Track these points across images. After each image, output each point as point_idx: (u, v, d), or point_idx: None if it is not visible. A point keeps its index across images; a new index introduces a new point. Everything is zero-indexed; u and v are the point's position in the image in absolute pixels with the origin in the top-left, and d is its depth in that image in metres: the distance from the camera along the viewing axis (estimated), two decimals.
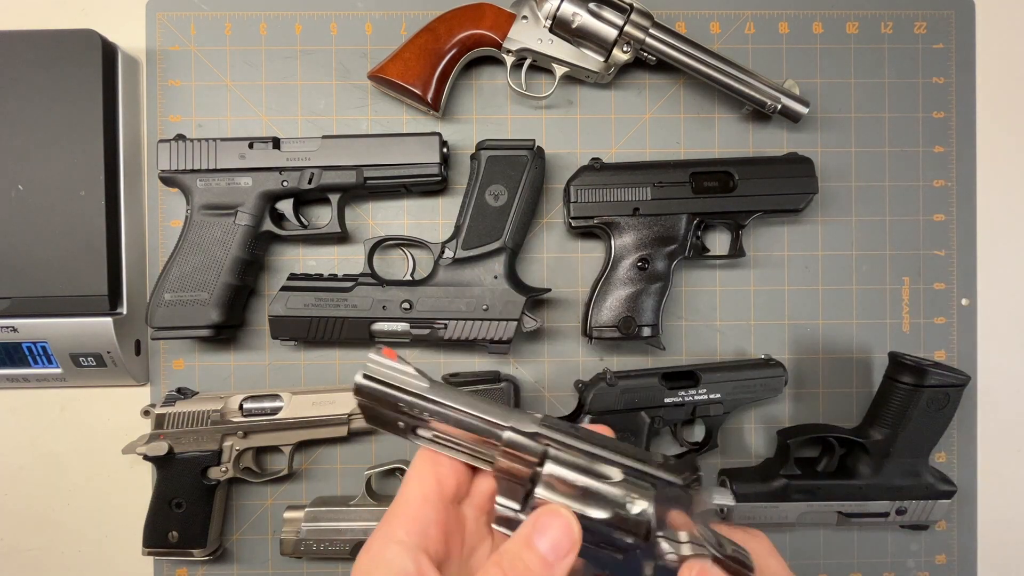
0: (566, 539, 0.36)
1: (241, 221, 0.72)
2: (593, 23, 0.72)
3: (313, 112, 0.79)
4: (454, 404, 0.39)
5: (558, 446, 0.38)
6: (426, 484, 0.39)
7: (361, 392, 0.40)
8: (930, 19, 0.81)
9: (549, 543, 0.36)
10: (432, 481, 0.39)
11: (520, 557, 0.36)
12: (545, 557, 0.36)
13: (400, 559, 0.36)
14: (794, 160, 0.76)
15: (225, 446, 0.73)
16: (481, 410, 0.39)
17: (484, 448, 0.39)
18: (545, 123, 0.80)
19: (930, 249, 0.81)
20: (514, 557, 0.36)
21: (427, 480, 0.39)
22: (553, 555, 0.36)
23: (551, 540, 0.36)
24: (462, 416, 0.39)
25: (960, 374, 0.71)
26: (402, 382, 0.40)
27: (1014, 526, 0.82)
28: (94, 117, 0.71)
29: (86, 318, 0.71)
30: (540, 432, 0.39)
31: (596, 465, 0.38)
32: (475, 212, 0.73)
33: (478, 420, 0.39)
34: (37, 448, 0.78)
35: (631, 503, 0.37)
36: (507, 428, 0.39)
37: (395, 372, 0.40)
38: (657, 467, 0.38)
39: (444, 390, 0.40)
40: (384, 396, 0.40)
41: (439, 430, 0.40)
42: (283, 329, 0.73)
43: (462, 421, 0.39)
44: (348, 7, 0.79)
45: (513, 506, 0.39)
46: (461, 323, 0.72)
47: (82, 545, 0.79)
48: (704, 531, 0.38)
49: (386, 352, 0.40)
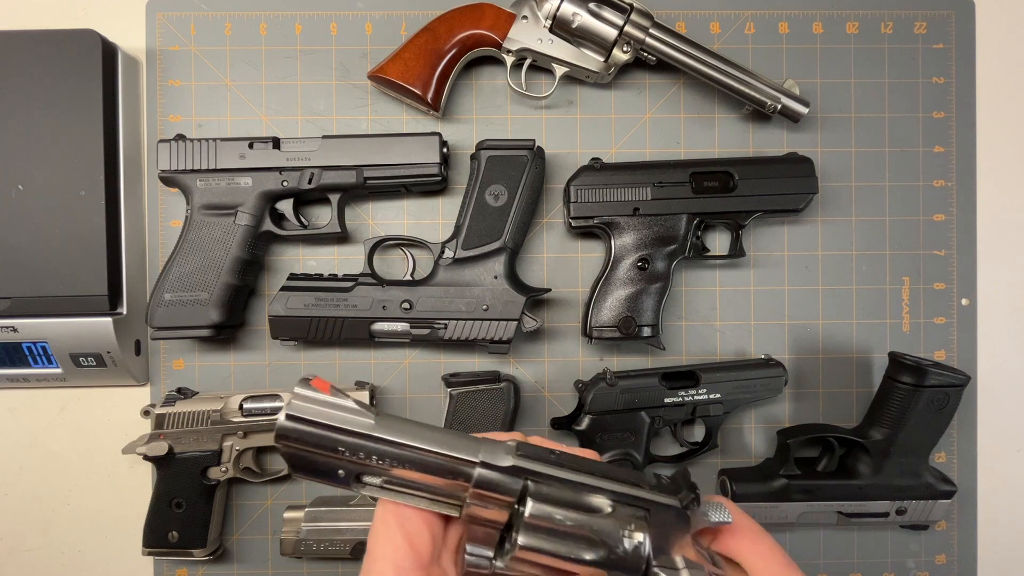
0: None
1: (241, 221, 0.72)
2: (593, 23, 0.72)
3: (313, 112, 0.79)
4: (410, 441, 0.32)
5: (539, 479, 0.33)
6: (398, 552, 0.33)
7: (286, 437, 0.32)
8: (930, 19, 0.81)
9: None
10: (403, 546, 0.33)
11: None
12: None
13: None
14: (794, 160, 0.76)
15: (225, 446, 0.73)
16: (444, 445, 0.32)
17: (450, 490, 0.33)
18: (545, 123, 0.80)
19: (930, 249, 0.81)
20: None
21: (397, 546, 0.33)
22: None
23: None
24: (421, 455, 0.32)
25: (960, 374, 0.71)
26: (341, 420, 0.32)
27: (1014, 526, 0.82)
28: (94, 117, 0.71)
29: (86, 318, 0.71)
30: (517, 465, 0.33)
31: (583, 496, 0.33)
32: (475, 212, 0.73)
33: (441, 458, 0.32)
34: (37, 448, 0.78)
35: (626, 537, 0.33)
36: (478, 464, 0.32)
37: (330, 409, 0.32)
38: (650, 490, 0.35)
39: (395, 424, 0.33)
40: (318, 440, 0.31)
41: (392, 475, 0.33)
42: (283, 329, 0.73)
43: (422, 461, 0.32)
44: (348, 7, 0.79)
45: (486, 554, 0.33)
46: (461, 323, 0.72)
47: (82, 545, 0.79)
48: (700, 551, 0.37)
49: (316, 383, 0.32)
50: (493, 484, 0.32)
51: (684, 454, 0.78)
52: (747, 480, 0.75)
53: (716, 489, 0.79)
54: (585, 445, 0.75)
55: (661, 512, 0.35)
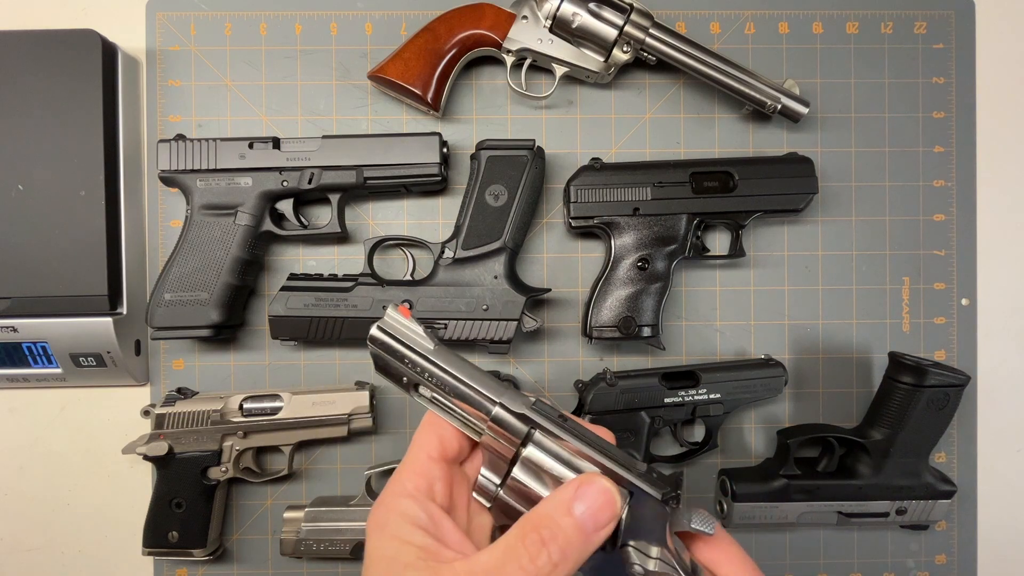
0: (606, 510, 0.36)
1: (241, 221, 0.72)
2: (593, 23, 0.72)
3: (313, 112, 0.79)
4: (453, 371, 0.40)
5: (543, 433, 0.39)
6: (430, 444, 0.41)
7: (374, 342, 0.41)
8: (930, 19, 0.81)
9: (589, 512, 0.36)
10: (435, 441, 0.41)
11: (557, 522, 0.36)
12: (583, 525, 0.35)
13: (412, 508, 0.37)
14: (794, 160, 0.76)
15: (225, 446, 0.73)
16: (477, 381, 0.40)
17: (474, 419, 0.40)
18: (545, 123, 0.80)
19: (930, 249, 0.81)
20: (551, 521, 0.36)
21: (431, 440, 0.41)
22: (592, 524, 0.36)
23: (590, 509, 0.36)
24: (457, 384, 0.40)
25: (960, 374, 0.71)
26: (410, 340, 0.41)
27: (1014, 526, 0.82)
28: (94, 117, 0.71)
29: (86, 318, 0.71)
30: (528, 415, 0.39)
31: (576, 460, 0.38)
32: (475, 212, 0.73)
33: (471, 391, 0.40)
34: (37, 448, 0.78)
35: None
36: (497, 404, 0.39)
37: (405, 329, 0.41)
38: (638, 476, 0.38)
39: (447, 355, 0.40)
40: (393, 351, 0.41)
41: (437, 393, 0.40)
42: (283, 329, 0.73)
43: (456, 388, 0.40)
44: (348, 7, 0.79)
45: (494, 479, 0.40)
46: (461, 323, 0.72)
47: (82, 545, 0.79)
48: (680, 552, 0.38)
49: (401, 309, 0.41)
50: (505, 423, 0.39)
51: (684, 454, 0.78)
52: (747, 480, 0.75)
53: (716, 489, 0.79)
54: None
55: (643, 499, 0.38)
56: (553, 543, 0.35)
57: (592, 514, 0.36)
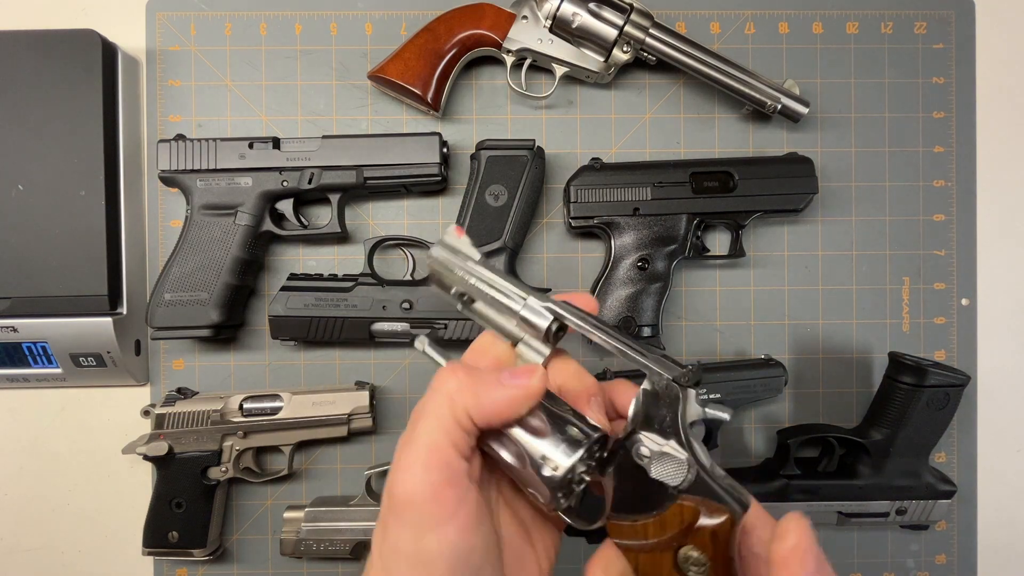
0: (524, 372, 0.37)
1: (241, 221, 0.72)
2: (593, 23, 0.72)
3: (313, 112, 0.79)
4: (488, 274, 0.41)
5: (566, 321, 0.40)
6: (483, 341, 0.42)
7: (432, 257, 0.43)
8: (930, 19, 0.81)
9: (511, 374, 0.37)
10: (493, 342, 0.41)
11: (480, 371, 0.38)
12: (500, 377, 0.37)
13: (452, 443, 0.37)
14: (794, 160, 0.76)
15: (225, 446, 0.73)
16: (506, 285, 0.41)
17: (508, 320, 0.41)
18: (545, 123, 0.80)
19: (930, 249, 0.81)
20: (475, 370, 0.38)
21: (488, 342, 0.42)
22: (506, 377, 0.37)
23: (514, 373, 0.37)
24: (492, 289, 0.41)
25: (960, 374, 0.71)
26: (460, 252, 0.42)
27: (1014, 526, 0.82)
28: (94, 117, 0.71)
29: (86, 318, 0.71)
30: (552, 308, 0.40)
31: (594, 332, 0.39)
32: (475, 212, 0.73)
33: (501, 293, 0.40)
34: (37, 448, 0.78)
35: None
36: (525, 301, 0.40)
37: (458, 244, 0.42)
38: (652, 359, 0.38)
39: (488, 266, 0.42)
40: (446, 264, 0.42)
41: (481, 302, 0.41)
42: (283, 329, 0.73)
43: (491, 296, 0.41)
44: (348, 7, 0.79)
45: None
46: (461, 323, 0.72)
47: (82, 545, 0.79)
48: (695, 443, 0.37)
49: (456, 230, 0.42)
50: (531, 322, 0.40)
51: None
52: (747, 480, 0.75)
53: None
54: None
55: (655, 381, 0.37)
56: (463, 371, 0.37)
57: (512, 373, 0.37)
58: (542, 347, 0.40)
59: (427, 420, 0.36)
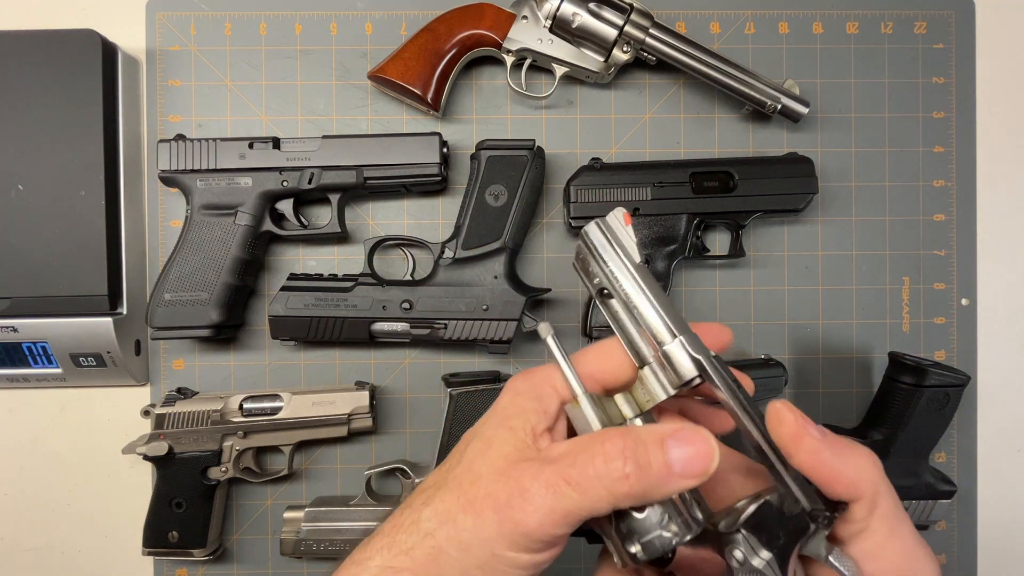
0: (700, 462, 0.34)
1: (241, 221, 0.72)
2: (593, 23, 0.72)
3: (313, 112, 0.79)
4: (647, 289, 0.37)
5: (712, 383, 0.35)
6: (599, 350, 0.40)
7: (586, 236, 0.40)
8: (930, 19, 0.81)
9: (681, 455, 0.34)
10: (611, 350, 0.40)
11: (647, 448, 0.34)
12: (671, 465, 0.33)
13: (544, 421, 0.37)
14: (794, 160, 0.76)
15: (225, 446, 0.73)
16: (666, 309, 0.37)
17: (646, 345, 0.37)
18: (545, 123, 0.80)
19: (930, 249, 0.81)
20: (640, 444, 0.34)
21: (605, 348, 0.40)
22: (679, 467, 0.33)
23: (685, 454, 0.34)
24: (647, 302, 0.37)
25: (960, 374, 0.71)
26: (620, 246, 0.38)
27: (1014, 526, 0.82)
28: (94, 117, 0.71)
29: (86, 318, 0.71)
30: (704, 362, 0.35)
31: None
32: (475, 212, 0.73)
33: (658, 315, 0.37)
34: (37, 448, 0.78)
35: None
36: (677, 338, 0.36)
37: (620, 235, 0.38)
38: (793, 476, 0.34)
39: (647, 275, 0.38)
40: (599, 250, 0.39)
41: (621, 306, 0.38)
42: (283, 329, 0.73)
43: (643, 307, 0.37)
44: (348, 7, 0.79)
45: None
46: (461, 323, 0.72)
47: (82, 545, 0.79)
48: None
49: (625, 216, 0.39)
50: (674, 361, 0.36)
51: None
52: None
53: None
54: None
55: (783, 501, 0.34)
56: (632, 460, 0.33)
57: (683, 459, 0.34)
58: (669, 386, 0.36)
59: (581, 495, 0.33)
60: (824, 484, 0.34)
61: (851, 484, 0.34)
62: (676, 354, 0.36)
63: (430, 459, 0.74)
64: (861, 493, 0.34)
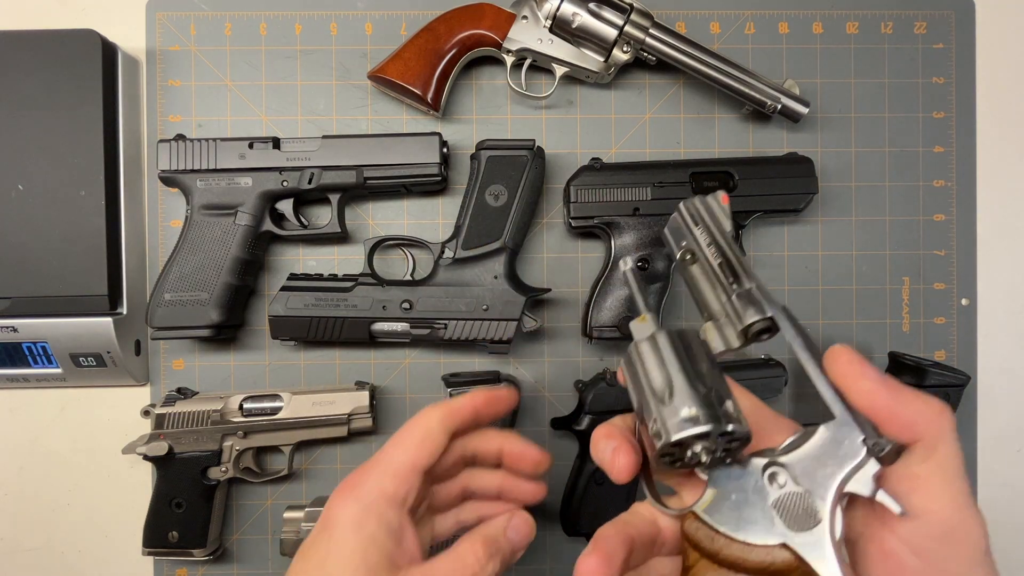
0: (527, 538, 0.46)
1: (241, 221, 0.72)
2: (593, 23, 0.72)
3: (313, 112, 0.79)
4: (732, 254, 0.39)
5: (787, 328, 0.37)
6: (421, 455, 0.43)
7: (688, 206, 0.41)
8: (930, 19, 0.81)
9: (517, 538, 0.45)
10: (427, 454, 0.43)
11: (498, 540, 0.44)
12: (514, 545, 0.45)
13: (389, 514, 0.41)
14: (794, 160, 0.76)
15: (225, 446, 0.73)
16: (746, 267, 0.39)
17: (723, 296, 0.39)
18: (545, 123, 0.80)
19: (930, 249, 0.81)
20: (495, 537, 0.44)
21: (423, 451, 0.43)
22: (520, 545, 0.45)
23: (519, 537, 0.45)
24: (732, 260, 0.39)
25: (960, 374, 0.71)
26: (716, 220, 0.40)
27: (1014, 527, 0.82)
28: (94, 117, 0.71)
29: (86, 318, 0.71)
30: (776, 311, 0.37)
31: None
32: (475, 212, 0.73)
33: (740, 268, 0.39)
34: (37, 448, 0.78)
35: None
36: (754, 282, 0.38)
37: (720, 213, 0.40)
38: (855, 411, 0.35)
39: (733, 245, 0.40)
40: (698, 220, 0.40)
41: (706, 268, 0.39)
42: (283, 329, 0.73)
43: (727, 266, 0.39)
44: (348, 7, 0.79)
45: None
46: (461, 323, 0.72)
47: (82, 545, 0.79)
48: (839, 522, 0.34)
49: (724, 198, 0.41)
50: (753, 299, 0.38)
51: None
52: None
53: None
54: (585, 445, 0.76)
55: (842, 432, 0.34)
56: (497, 556, 0.42)
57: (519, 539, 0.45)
58: (735, 338, 0.38)
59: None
60: (881, 423, 0.34)
61: (907, 425, 0.34)
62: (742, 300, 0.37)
63: None
64: (919, 436, 0.34)
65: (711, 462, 0.35)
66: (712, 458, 0.35)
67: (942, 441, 0.34)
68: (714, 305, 0.38)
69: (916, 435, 0.34)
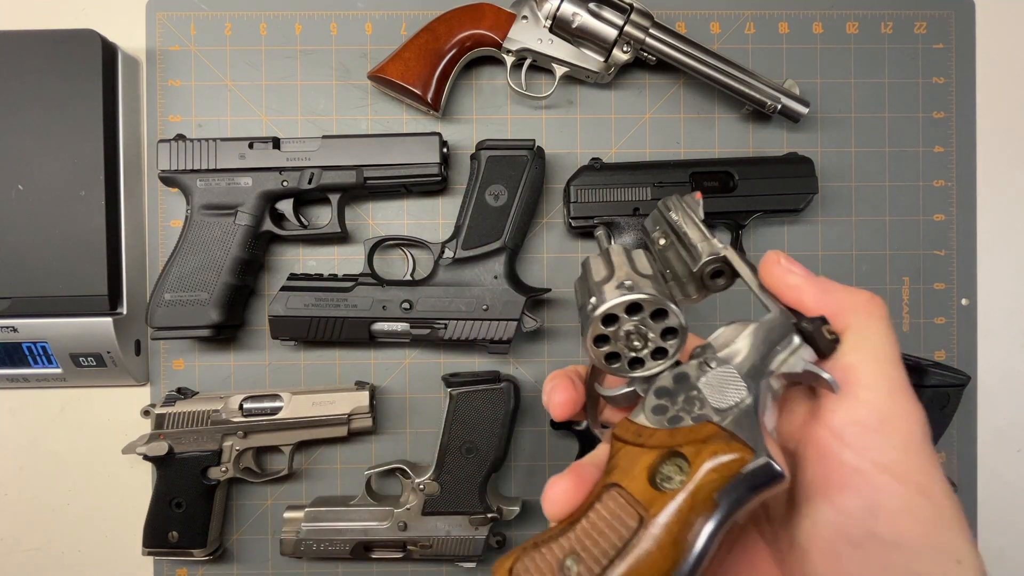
0: None
1: (241, 221, 0.72)
2: (593, 23, 0.72)
3: (313, 112, 0.79)
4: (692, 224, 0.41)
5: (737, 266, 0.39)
6: None
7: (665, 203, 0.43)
8: (930, 19, 0.81)
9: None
10: None
11: None
12: None
13: None
14: (794, 160, 0.76)
15: (225, 446, 0.73)
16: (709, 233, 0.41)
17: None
18: (545, 123, 0.80)
19: (930, 249, 0.81)
20: None
21: None
22: None
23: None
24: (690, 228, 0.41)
25: (960, 374, 0.71)
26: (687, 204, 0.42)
27: (1014, 526, 0.82)
28: (94, 117, 0.71)
29: (86, 318, 0.71)
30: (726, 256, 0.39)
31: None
32: (475, 212, 0.73)
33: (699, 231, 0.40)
34: (37, 448, 0.78)
35: None
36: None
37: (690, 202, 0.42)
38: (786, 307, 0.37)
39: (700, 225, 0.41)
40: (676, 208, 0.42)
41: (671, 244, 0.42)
42: (283, 329, 0.73)
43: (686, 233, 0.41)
44: (348, 7, 0.79)
45: None
46: (461, 323, 0.72)
47: (82, 545, 0.79)
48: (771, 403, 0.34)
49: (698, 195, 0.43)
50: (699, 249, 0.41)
51: None
52: None
53: None
54: (585, 445, 0.76)
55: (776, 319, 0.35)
56: None
57: None
58: (693, 290, 0.40)
59: None
60: (811, 315, 0.35)
61: (835, 313, 0.34)
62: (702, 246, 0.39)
63: (430, 459, 0.74)
64: (848, 323, 0.34)
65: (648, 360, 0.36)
66: (650, 352, 0.36)
67: (873, 330, 0.34)
68: (680, 269, 0.40)
69: (845, 323, 0.34)
